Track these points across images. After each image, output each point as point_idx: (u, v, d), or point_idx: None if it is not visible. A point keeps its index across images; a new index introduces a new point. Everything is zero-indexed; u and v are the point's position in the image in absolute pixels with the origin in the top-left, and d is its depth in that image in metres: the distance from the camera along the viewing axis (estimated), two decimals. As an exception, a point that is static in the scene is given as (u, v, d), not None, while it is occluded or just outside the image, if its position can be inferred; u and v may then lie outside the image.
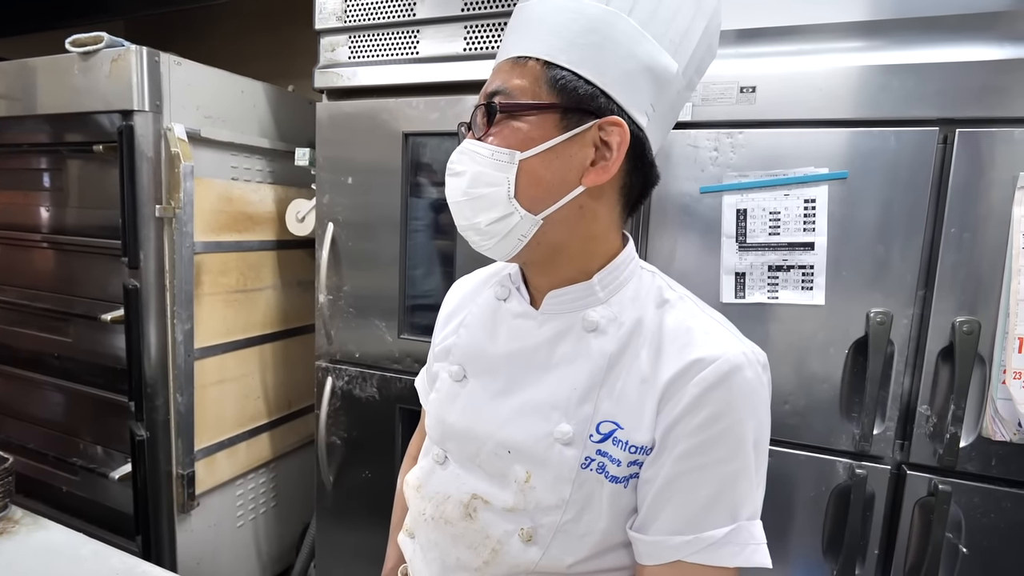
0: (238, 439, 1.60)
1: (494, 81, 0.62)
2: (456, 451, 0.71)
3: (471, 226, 0.63)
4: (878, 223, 1.00)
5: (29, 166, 1.57)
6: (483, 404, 0.68)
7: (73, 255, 1.53)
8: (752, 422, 0.58)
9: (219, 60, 1.60)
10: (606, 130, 0.59)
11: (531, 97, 0.59)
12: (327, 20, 1.37)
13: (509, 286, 0.72)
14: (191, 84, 1.38)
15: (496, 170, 0.59)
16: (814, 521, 1.07)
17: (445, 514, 0.69)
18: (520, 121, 0.59)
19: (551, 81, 0.58)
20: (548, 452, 0.62)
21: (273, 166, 1.64)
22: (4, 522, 0.99)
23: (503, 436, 0.65)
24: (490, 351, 0.70)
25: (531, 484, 0.63)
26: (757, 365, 0.60)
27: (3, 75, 1.47)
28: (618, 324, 0.63)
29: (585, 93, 0.58)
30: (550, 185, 0.60)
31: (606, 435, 0.61)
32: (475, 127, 0.62)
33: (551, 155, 0.59)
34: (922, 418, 1.01)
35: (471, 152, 0.61)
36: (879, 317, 1.00)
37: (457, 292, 0.82)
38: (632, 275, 0.67)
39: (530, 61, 0.59)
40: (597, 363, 0.62)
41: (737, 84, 1.05)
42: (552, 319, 0.66)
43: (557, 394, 0.63)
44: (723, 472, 0.57)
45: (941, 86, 0.96)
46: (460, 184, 0.62)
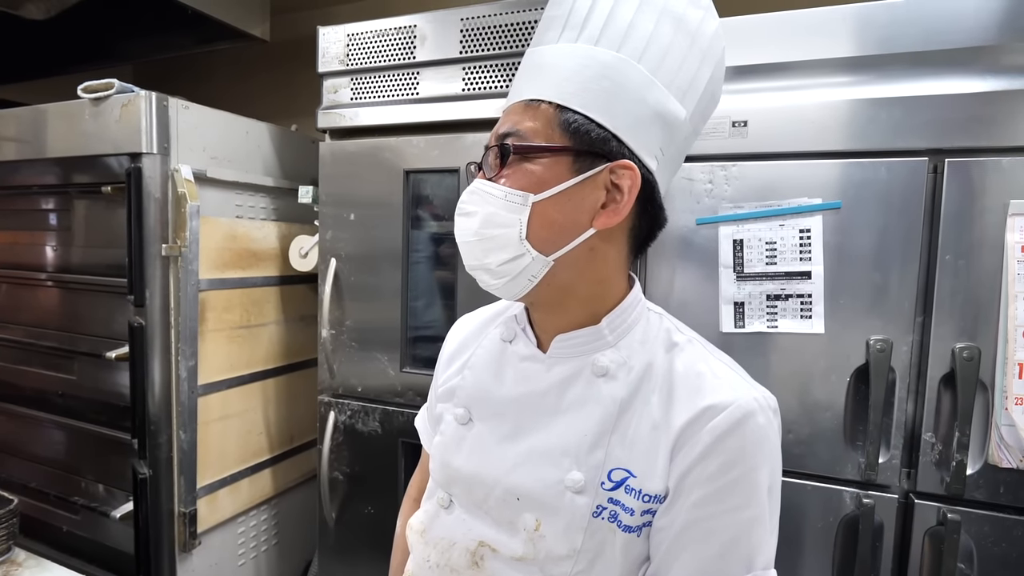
0: (240, 475, 1.58)
1: (506, 122, 0.62)
2: (462, 496, 0.69)
3: (482, 266, 0.63)
4: (874, 251, 1.01)
5: (38, 207, 1.60)
6: (490, 449, 0.67)
7: (79, 293, 1.55)
8: (766, 469, 0.57)
9: (224, 101, 1.65)
10: (617, 173, 0.59)
11: (544, 139, 0.59)
12: (330, 63, 1.41)
13: (515, 328, 0.71)
14: (198, 126, 1.41)
15: (508, 211, 0.60)
16: (823, 552, 1.05)
17: (451, 562, 0.67)
18: (533, 163, 0.59)
19: (564, 124, 0.59)
20: (559, 500, 0.61)
21: (277, 203, 1.67)
22: (7, 565, 0.98)
23: (511, 482, 0.64)
24: (497, 394, 0.68)
25: (541, 533, 0.61)
26: (768, 411, 0.59)
27: (17, 120, 1.52)
28: (628, 368, 0.63)
29: (597, 137, 0.59)
30: (562, 227, 0.60)
31: (618, 483, 0.60)
32: (487, 167, 0.62)
33: (563, 198, 0.59)
34: (927, 445, 1.00)
35: (483, 193, 0.61)
36: (879, 344, 1.00)
37: (459, 332, 0.81)
38: (640, 317, 0.66)
39: (543, 104, 0.60)
40: (608, 409, 0.61)
41: (729, 119, 1.08)
42: (560, 363, 0.65)
43: (567, 440, 0.62)
44: (738, 520, 0.56)
45: (929, 118, 0.98)
46: (471, 224, 0.62)
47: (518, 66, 1.23)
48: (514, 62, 1.25)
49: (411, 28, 1.32)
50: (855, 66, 1.04)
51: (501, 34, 1.24)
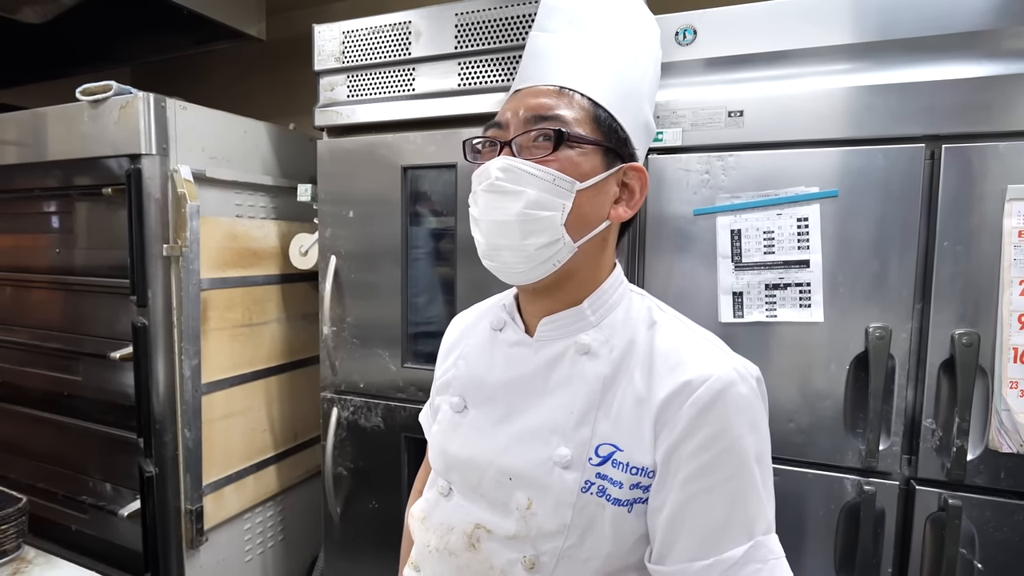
0: (246, 472, 1.60)
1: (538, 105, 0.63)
2: (459, 481, 0.71)
3: (515, 247, 0.62)
4: (872, 239, 1.01)
5: (40, 210, 1.61)
6: (484, 433, 0.69)
7: (82, 295, 1.56)
8: (752, 436, 0.58)
9: (222, 101, 1.65)
10: (628, 174, 0.66)
11: (585, 131, 0.62)
12: (326, 61, 1.41)
13: (504, 316, 0.73)
14: (196, 126, 1.42)
15: (555, 196, 0.61)
16: (825, 540, 1.06)
17: (449, 545, 0.69)
18: (576, 152, 0.62)
19: (596, 120, 0.63)
20: (548, 477, 0.63)
21: (276, 202, 1.67)
22: (17, 562, 1.00)
23: (503, 463, 0.66)
24: (488, 380, 0.71)
25: (532, 511, 0.63)
26: (750, 379, 0.60)
27: (17, 124, 1.52)
28: (610, 347, 0.65)
29: (621, 138, 0.65)
30: (590, 217, 0.64)
31: (605, 457, 0.62)
32: (524, 148, 0.62)
33: (595, 189, 0.63)
34: (927, 432, 1.00)
35: (527, 173, 0.61)
36: (878, 332, 1.00)
37: (456, 326, 0.84)
38: (622, 298, 0.69)
39: (576, 95, 0.63)
40: (592, 386, 0.63)
41: (725, 109, 1.08)
42: (546, 345, 0.68)
43: (555, 418, 0.64)
44: (731, 490, 0.57)
45: (925, 104, 0.98)
46: (513, 204, 0.61)
47: (513, 60, 1.24)
48: (509, 56, 1.24)
49: (406, 24, 1.32)
50: (851, 53, 1.04)
51: (496, 28, 1.24)
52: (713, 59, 1.10)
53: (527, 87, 0.66)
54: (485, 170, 0.63)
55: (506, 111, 0.65)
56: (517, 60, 1.24)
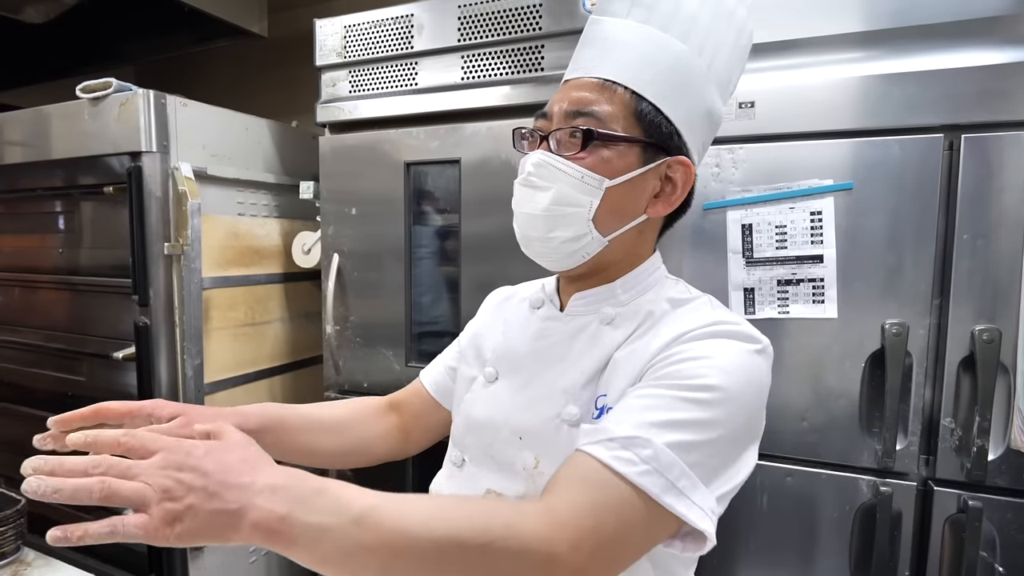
0: (250, 474, 1.58)
1: (580, 99, 0.63)
2: (473, 445, 0.73)
3: (542, 238, 0.65)
4: (888, 233, 0.98)
5: (43, 210, 1.60)
6: (506, 397, 0.71)
7: (86, 295, 1.55)
8: (727, 378, 0.55)
9: (226, 99, 1.64)
10: (673, 167, 0.64)
11: (621, 126, 0.62)
12: (327, 56, 1.40)
13: (542, 296, 0.75)
14: (197, 123, 1.40)
15: (583, 192, 0.62)
16: (840, 542, 1.03)
17: None
18: (610, 149, 0.62)
19: (638, 114, 0.62)
20: (556, 434, 0.64)
21: (278, 200, 1.66)
22: (17, 564, 0.99)
23: (516, 422, 0.68)
24: (518, 351, 0.73)
25: (539, 470, 0.64)
26: (753, 342, 0.60)
27: (19, 123, 1.51)
28: (632, 319, 0.66)
29: (666, 131, 0.63)
30: (623, 212, 0.64)
31: (601, 409, 0.63)
32: (558, 143, 0.63)
33: (629, 185, 0.63)
34: (946, 431, 0.97)
35: (556, 169, 0.63)
36: (895, 328, 0.97)
37: (495, 297, 0.87)
38: (655, 282, 0.70)
39: (618, 88, 0.62)
40: (606, 351, 0.65)
41: (735, 100, 1.05)
42: (575, 318, 0.69)
43: (568, 380, 0.66)
44: (672, 397, 0.54)
45: (943, 93, 0.95)
46: (541, 199, 0.63)
47: (518, 52, 1.21)
48: (513, 48, 1.22)
49: (408, 17, 1.30)
50: (865, 41, 1.01)
51: (499, 20, 1.22)
52: (722, 49, 1.07)
53: (573, 78, 0.66)
54: (523, 163, 0.65)
55: (553, 102, 0.66)
56: (522, 52, 1.21)
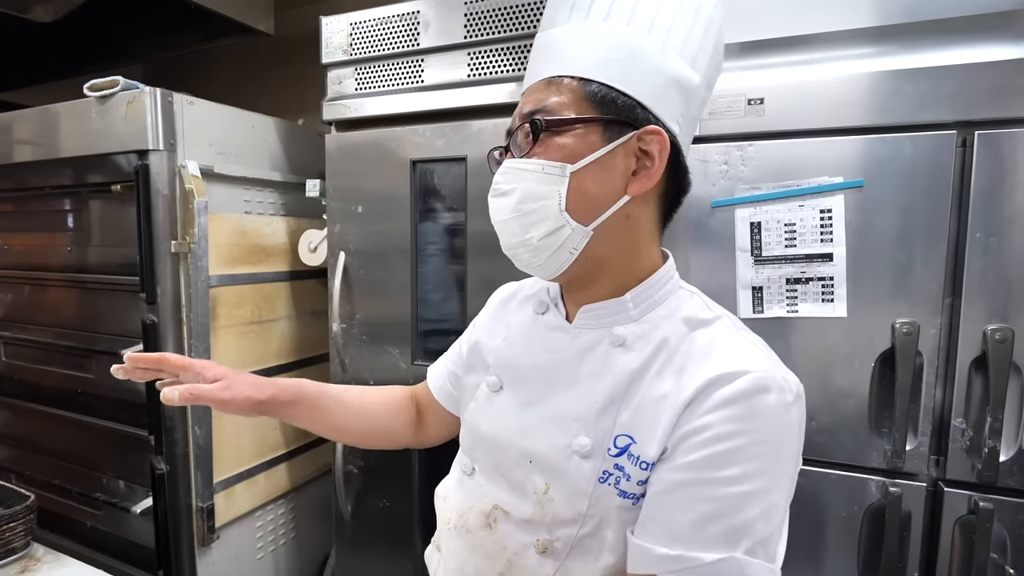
0: (256, 470, 1.59)
1: (529, 102, 0.63)
2: (483, 459, 0.72)
3: (522, 243, 0.63)
4: (898, 231, 0.97)
5: (52, 208, 1.61)
6: (511, 413, 0.69)
7: (94, 292, 1.56)
8: (768, 447, 0.55)
9: (234, 97, 1.64)
10: (645, 140, 0.61)
11: (572, 111, 0.61)
12: (333, 54, 1.39)
13: (547, 300, 0.73)
14: (204, 122, 1.40)
15: (547, 184, 0.60)
16: (848, 542, 1.02)
17: (467, 523, 0.69)
18: (565, 136, 0.60)
19: (590, 96, 0.61)
20: (566, 464, 0.62)
21: (285, 198, 1.66)
22: (26, 560, 1.00)
23: (525, 445, 0.66)
24: (524, 362, 0.71)
25: (549, 496, 0.63)
26: (786, 392, 0.57)
27: (27, 122, 1.52)
28: (645, 341, 0.63)
29: (624, 104, 0.60)
30: (598, 196, 0.61)
31: (622, 449, 0.60)
32: (516, 147, 0.63)
33: (597, 166, 0.60)
34: (957, 432, 0.96)
35: (517, 170, 0.62)
36: (905, 328, 0.96)
37: (501, 293, 0.85)
38: (669, 294, 0.67)
39: (565, 79, 0.62)
40: (619, 378, 0.62)
41: (744, 96, 1.04)
42: (583, 333, 0.67)
43: (579, 407, 0.63)
44: (725, 493, 0.54)
45: (956, 89, 0.93)
46: (508, 202, 0.63)
47: (525, 49, 1.21)
48: (520, 45, 1.21)
49: (414, 14, 1.30)
50: (877, 36, 0.99)
51: (506, 17, 1.21)
52: (732, 45, 1.06)
53: (527, 87, 0.66)
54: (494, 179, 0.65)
55: (514, 116, 0.66)
56: (528, 49, 1.20)
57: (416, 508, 1.38)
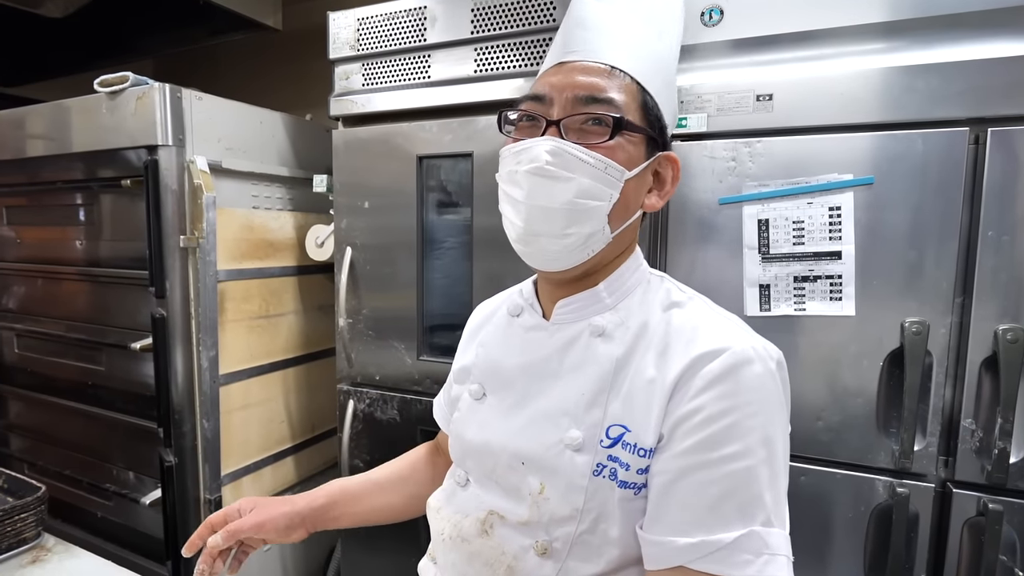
0: (263, 463, 1.60)
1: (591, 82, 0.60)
2: (475, 469, 0.71)
3: (554, 235, 0.60)
4: (909, 229, 0.95)
5: (63, 202, 1.63)
6: (499, 418, 0.69)
7: (105, 286, 1.57)
8: (761, 418, 0.55)
9: (242, 93, 1.65)
10: (661, 162, 0.64)
11: (634, 117, 0.61)
12: (341, 49, 1.39)
13: (521, 302, 0.72)
14: (212, 117, 1.41)
15: (606, 185, 0.59)
16: (854, 543, 1.02)
17: (462, 532, 0.69)
18: (627, 139, 0.60)
19: (643, 106, 0.62)
20: (559, 459, 0.62)
21: (292, 193, 1.67)
22: (37, 550, 1.01)
23: (516, 447, 0.65)
24: (505, 366, 0.70)
25: (545, 495, 0.62)
26: (768, 360, 0.58)
27: (39, 117, 1.54)
28: (625, 328, 0.63)
29: (662, 127, 0.63)
30: (631, 206, 0.63)
31: (615, 439, 0.60)
32: (579, 131, 0.60)
33: (638, 179, 0.62)
34: (967, 432, 0.95)
35: (578, 159, 0.58)
36: (914, 327, 0.95)
37: (478, 314, 0.83)
38: (640, 280, 0.67)
39: (627, 77, 0.61)
40: (604, 367, 0.62)
41: (753, 92, 1.03)
42: (562, 328, 0.67)
43: (567, 400, 0.63)
44: (731, 470, 0.54)
45: (969, 85, 0.92)
46: (563, 191, 0.58)
47: (532, 44, 1.20)
48: (527, 40, 1.21)
49: (421, 10, 1.29)
50: (888, 32, 0.98)
51: (513, 12, 1.21)
52: (741, 40, 1.05)
53: (574, 61, 0.62)
54: (529, 149, 0.59)
55: (548, 85, 0.61)
56: (536, 44, 1.20)
57: (421, 503, 1.38)
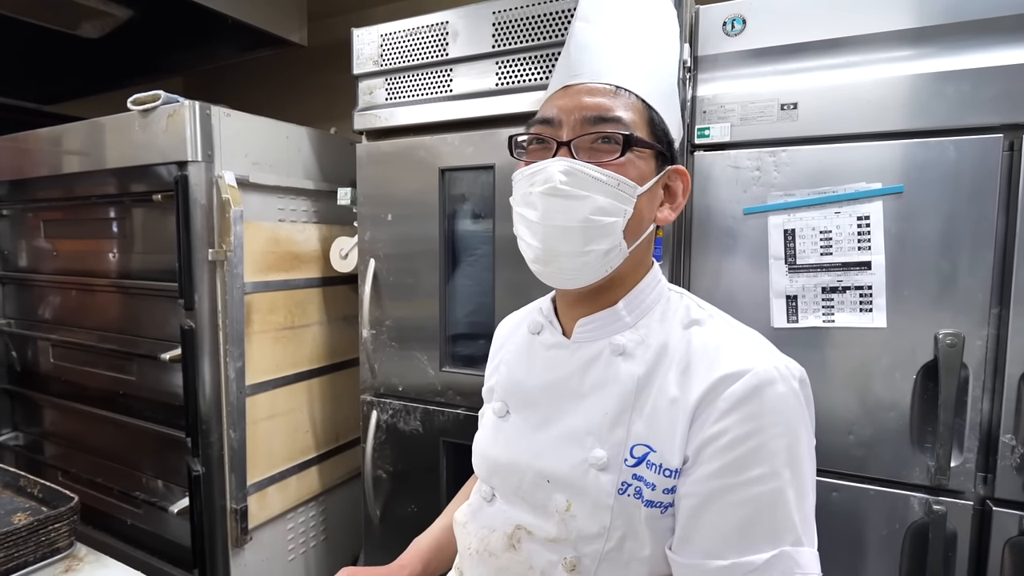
0: (288, 473, 1.62)
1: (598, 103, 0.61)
2: (501, 486, 0.71)
3: (573, 253, 0.61)
4: (941, 238, 0.93)
5: (97, 216, 1.68)
6: (523, 437, 0.69)
7: (136, 298, 1.62)
8: (785, 439, 0.55)
9: (269, 107, 1.68)
10: (671, 176, 0.66)
11: (642, 133, 0.62)
12: (364, 65, 1.42)
13: (541, 320, 0.73)
14: (239, 133, 1.45)
15: (619, 201, 0.61)
16: (889, 562, 0.99)
17: (489, 546, 0.69)
18: (637, 156, 0.62)
19: (650, 122, 0.63)
20: (584, 479, 0.62)
21: (317, 206, 1.69)
22: (70, 560, 1.03)
23: (541, 466, 0.66)
24: (528, 384, 0.71)
25: (572, 513, 0.63)
26: (791, 379, 0.57)
27: (76, 134, 1.59)
28: (645, 347, 0.64)
29: (669, 141, 0.65)
30: (644, 220, 0.64)
31: (640, 459, 0.60)
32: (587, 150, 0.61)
33: (649, 194, 0.63)
34: (1006, 448, 0.92)
35: (591, 177, 0.60)
36: (949, 339, 0.92)
37: (501, 330, 0.84)
38: (659, 298, 0.68)
39: (632, 96, 0.63)
40: (626, 386, 0.62)
41: (777, 101, 1.02)
42: (583, 347, 0.67)
43: (590, 420, 0.63)
44: (758, 493, 0.54)
45: (1002, 90, 0.90)
46: (579, 210, 0.60)
47: (552, 57, 1.21)
48: (548, 54, 1.21)
49: (443, 25, 1.31)
50: (916, 38, 0.96)
51: (534, 26, 1.22)
52: (764, 49, 1.04)
53: (580, 83, 0.64)
54: (543, 171, 0.61)
55: (556, 107, 0.63)
56: (556, 57, 1.20)
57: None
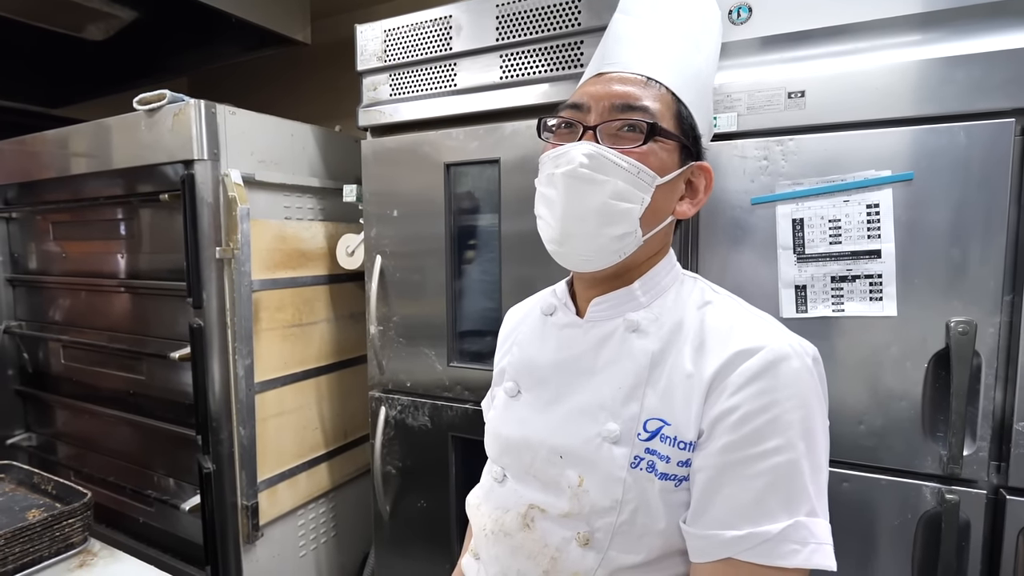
0: (298, 470, 1.63)
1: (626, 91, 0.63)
2: (512, 465, 0.72)
3: (588, 235, 0.63)
4: (952, 225, 0.92)
5: (105, 217, 1.69)
6: (535, 415, 0.70)
7: (145, 297, 1.63)
8: (800, 412, 0.56)
9: (274, 106, 1.69)
10: (695, 172, 0.67)
11: (667, 125, 0.63)
12: (368, 61, 1.42)
13: (554, 301, 0.74)
14: (245, 131, 1.45)
15: (637, 188, 0.62)
16: (901, 552, 0.98)
17: (504, 526, 0.70)
18: (660, 146, 0.62)
19: (678, 116, 0.64)
20: (597, 453, 0.63)
21: (323, 203, 1.70)
22: (84, 555, 1.04)
23: (554, 442, 0.67)
24: (540, 363, 0.72)
25: (584, 488, 0.64)
26: (805, 356, 0.59)
27: (82, 136, 1.60)
28: (659, 324, 0.65)
29: (695, 136, 0.65)
30: (660, 212, 0.64)
31: (653, 432, 0.61)
32: (613, 137, 0.63)
33: (669, 186, 0.64)
34: (1020, 436, 0.91)
35: (612, 163, 0.61)
36: (961, 327, 0.91)
37: (511, 318, 0.85)
38: (673, 281, 0.69)
39: (662, 88, 0.64)
40: (640, 362, 0.63)
41: (784, 89, 1.01)
42: (596, 325, 0.68)
43: (603, 395, 0.64)
44: (774, 464, 0.55)
45: (1013, 74, 0.89)
46: (597, 193, 0.61)
47: (557, 49, 1.20)
48: (552, 45, 1.21)
49: (446, 19, 1.31)
50: (924, 22, 0.95)
51: (538, 18, 1.21)
52: (770, 37, 1.03)
53: (612, 72, 0.65)
54: (566, 153, 0.62)
55: (586, 94, 0.65)
56: (561, 49, 1.20)
57: (453, 510, 1.39)
